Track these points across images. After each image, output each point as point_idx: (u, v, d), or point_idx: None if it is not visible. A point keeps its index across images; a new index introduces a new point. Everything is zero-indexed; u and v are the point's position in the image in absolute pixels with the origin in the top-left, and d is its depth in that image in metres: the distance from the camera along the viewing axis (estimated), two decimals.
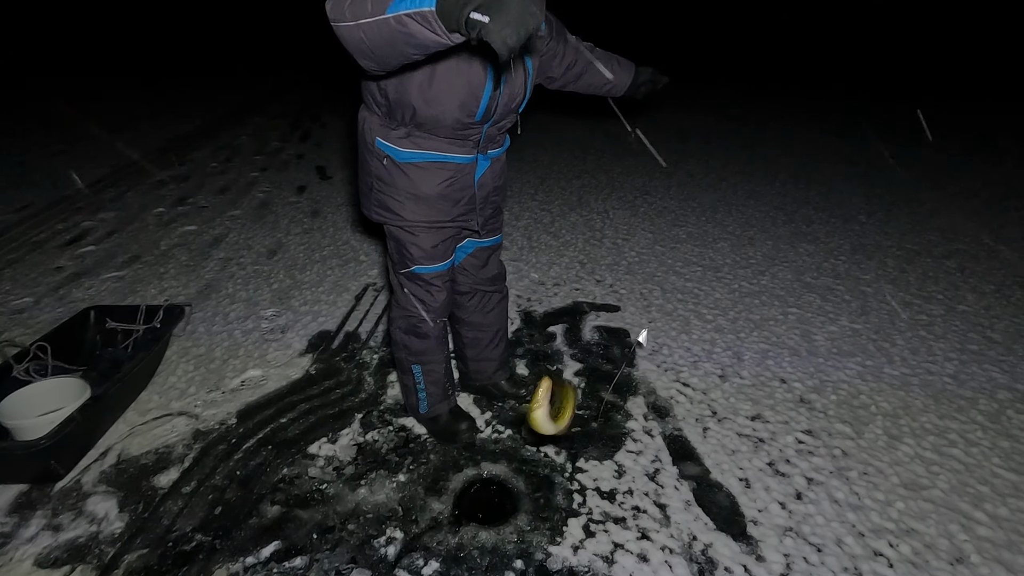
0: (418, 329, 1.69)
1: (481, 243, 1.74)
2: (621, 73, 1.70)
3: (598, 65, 1.66)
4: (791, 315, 2.70)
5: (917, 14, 10.13)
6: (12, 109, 6.30)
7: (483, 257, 1.79)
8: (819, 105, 7.67)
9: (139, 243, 3.31)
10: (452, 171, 1.46)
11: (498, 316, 1.93)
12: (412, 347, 1.73)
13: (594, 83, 1.71)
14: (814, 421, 1.98)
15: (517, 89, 1.40)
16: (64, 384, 1.83)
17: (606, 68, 1.68)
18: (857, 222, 3.97)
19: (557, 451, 1.81)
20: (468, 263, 1.79)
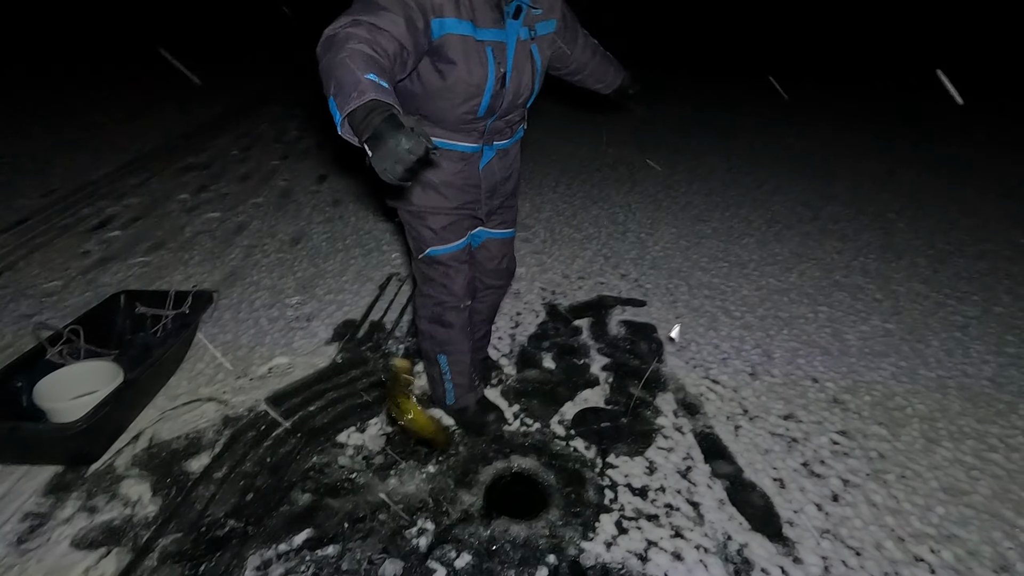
0: (442, 318, 1.68)
1: (492, 234, 1.73)
2: (615, 76, 1.82)
3: (601, 66, 1.76)
4: (821, 313, 2.65)
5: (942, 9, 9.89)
6: (36, 95, 6.36)
7: (495, 250, 1.76)
8: (843, 100, 7.53)
9: (164, 229, 3.33)
10: (456, 159, 1.47)
11: (489, 307, 1.92)
12: (437, 336, 1.72)
13: (591, 81, 1.80)
14: (848, 422, 1.94)
15: (523, 87, 1.42)
16: (97, 368, 1.84)
17: (606, 69, 1.78)
18: (886, 220, 3.89)
19: (587, 446, 1.79)
20: (480, 253, 1.76)
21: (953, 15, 9.83)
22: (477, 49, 1.29)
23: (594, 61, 1.73)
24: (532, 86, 1.45)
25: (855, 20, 10.79)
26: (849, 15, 10.87)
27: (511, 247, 1.82)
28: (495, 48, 1.31)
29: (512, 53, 1.35)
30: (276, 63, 8.87)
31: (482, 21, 1.28)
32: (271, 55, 9.38)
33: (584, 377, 2.14)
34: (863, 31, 10.62)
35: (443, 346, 1.74)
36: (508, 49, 1.34)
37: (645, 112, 6.63)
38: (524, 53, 1.38)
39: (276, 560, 1.39)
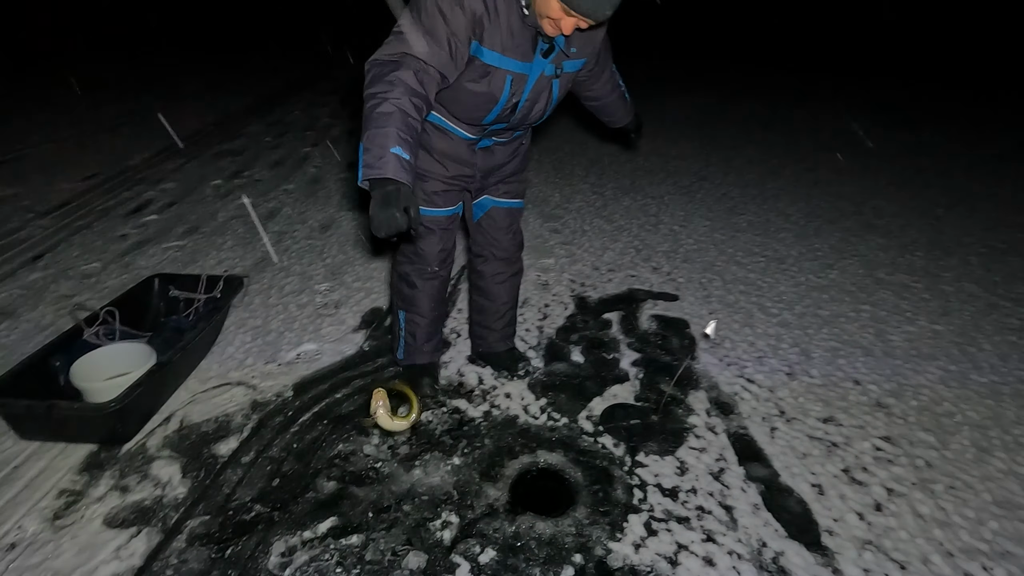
0: (409, 277, 1.77)
1: (498, 202, 1.77)
2: (623, 117, 1.88)
3: (613, 104, 1.81)
4: (864, 313, 2.53)
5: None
6: (79, 81, 6.53)
7: (500, 219, 1.79)
8: (889, 93, 7.22)
9: (198, 214, 3.38)
10: (456, 139, 1.56)
11: (508, 290, 1.94)
12: (402, 293, 1.82)
13: (600, 114, 1.85)
14: (893, 427, 1.85)
15: (535, 113, 1.50)
16: (131, 349, 1.87)
17: (617, 109, 1.83)
18: (934, 215, 3.71)
19: (615, 443, 1.75)
20: (485, 222, 1.80)
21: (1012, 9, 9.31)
22: (498, 76, 1.36)
23: (610, 98, 1.77)
24: (543, 113, 1.53)
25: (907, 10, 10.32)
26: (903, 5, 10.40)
27: (517, 219, 1.85)
28: (515, 79, 1.38)
29: (531, 86, 1.42)
30: (309, 50, 8.94)
31: (512, 51, 1.33)
32: (304, 42, 9.45)
33: (613, 372, 2.09)
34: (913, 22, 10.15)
35: (405, 303, 1.83)
36: (528, 82, 1.40)
37: (678, 103, 6.47)
38: (543, 86, 1.44)
39: (301, 547, 1.39)
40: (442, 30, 1.24)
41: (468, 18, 1.26)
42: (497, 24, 1.28)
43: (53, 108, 5.45)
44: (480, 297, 1.98)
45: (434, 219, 1.67)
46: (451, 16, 1.24)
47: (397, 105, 1.19)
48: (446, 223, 1.70)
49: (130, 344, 1.89)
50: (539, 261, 2.94)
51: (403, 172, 1.17)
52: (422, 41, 1.23)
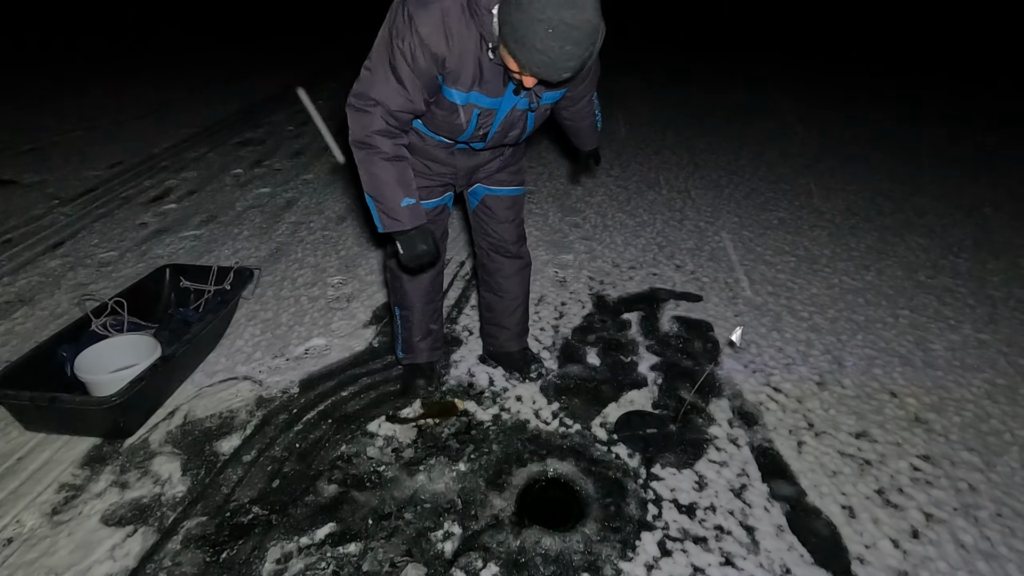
0: (396, 271, 1.72)
1: (492, 190, 1.69)
2: (592, 143, 1.81)
3: (583, 132, 1.73)
4: (902, 318, 2.38)
5: None
6: (106, 68, 6.63)
7: (494, 207, 1.72)
8: (932, 88, 6.86)
9: (216, 203, 3.37)
10: (431, 143, 1.51)
11: (517, 284, 1.87)
12: (393, 287, 1.79)
13: (568, 133, 1.76)
14: (933, 445, 1.71)
15: (509, 138, 1.47)
16: (137, 342, 1.84)
17: (585, 137, 1.76)
18: (980, 215, 3.49)
19: (630, 453, 1.65)
20: (480, 210, 1.74)
21: None
22: (465, 110, 1.33)
23: (582, 124, 1.69)
24: (519, 138, 1.49)
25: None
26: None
27: (515, 208, 1.75)
28: (483, 113, 1.35)
29: (500, 119, 1.38)
30: (334, 40, 8.94)
31: (481, 87, 1.29)
32: (330, 32, 9.45)
33: (631, 376, 1.99)
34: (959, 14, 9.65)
35: (397, 298, 1.80)
36: (497, 116, 1.37)
37: (707, 94, 6.25)
38: (517, 117, 1.40)
39: (297, 554, 1.34)
40: (406, 74, 1.23)
41: (429, 61, 1.22)
42: (463, 63, 1.24)
43: (85, 95, 5.54)
44: (488, 293, 1.91)
45: None
46: (414, 60, 1.21)
47: (385, 157, 1.29)
48: (432, 215, 1.63)
49: (136, 336, 1.87)
50: (557, 256, 2.84)
51: (417, 218, 1.35)
52: (389, 87, 1.24)
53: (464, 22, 1.19)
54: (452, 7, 1.18)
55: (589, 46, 1.07)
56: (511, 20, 1.06)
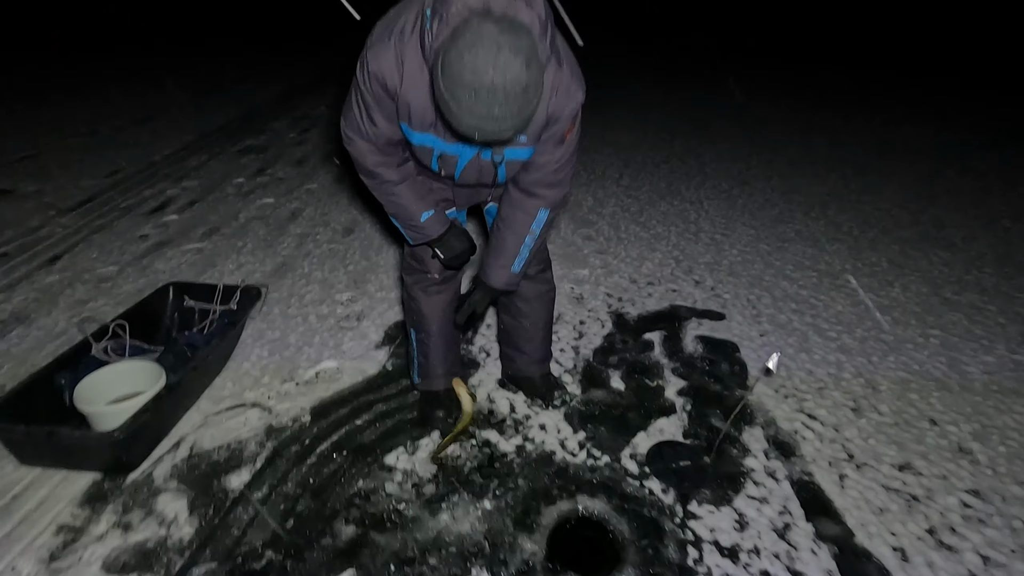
0: (412, 290, 1.68)
1: None
2: (498, 262, 1.46)
3: (498, 238, 1.45)
4: (933, 338, 2.30)
5: None
6: (103, 74, 6.53)
7: None
8: (940, 93, 6.82)
9: (219, 214, 3.27)
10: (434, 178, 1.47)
11: (538, 308, 1.77)
12: (409, 308, 1.73)
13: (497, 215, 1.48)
14: (980, 479, 1.63)
15: (484, 182, 1.38)
16: (140, 368, 1.75)
17: (496, 247, 1.46)
18: (1000, 227, 3.42)
19: (664, 488, 1.56)
20: None
21: None
22: (423, 150, 1.29)
23: (501, 225, 1.43)
24: (493, 183, 1.38)
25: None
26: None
27: None
28: (442, 157, 1.30)
29: (463, 166, 1.33)
30: (335, 43, 8.85)
31: (436, 130, 1.24)
32: (329, 36, 9.36)
33: (658, 402, 1.90)
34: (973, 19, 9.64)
35: (413, 320, 1.73)
36: (459, 162, 1.32)
37: (718, 101, 6.20)
38: (483, 165, 1.32)
39: None
40: (371, 106, 1.21)
41: (383, 93, 1.18)
42: (415, 102, 1.18)
43: (80, 100, 5.43)
44: (507, 316, 1.81)
45: None
46: (372, 94, 1.19)
47: (393, 183, 1.34)
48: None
49: (139, 362, 1.77)
50: (572, 271, 2.75)
51: (441, 224, 1.43)
52: (360, 121, 1.24)
53: (419, 63, 1.13)
54: (409, 46, 1.13)
55: (524, 105, 0.99)
56: (439, 84, 1.01)
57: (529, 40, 0.97)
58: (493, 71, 0.94)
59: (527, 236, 1.40)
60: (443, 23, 1.02)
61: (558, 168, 1.31)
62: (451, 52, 0.97)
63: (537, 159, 1.29)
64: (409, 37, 1.13)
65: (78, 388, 1.62)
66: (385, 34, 1.15)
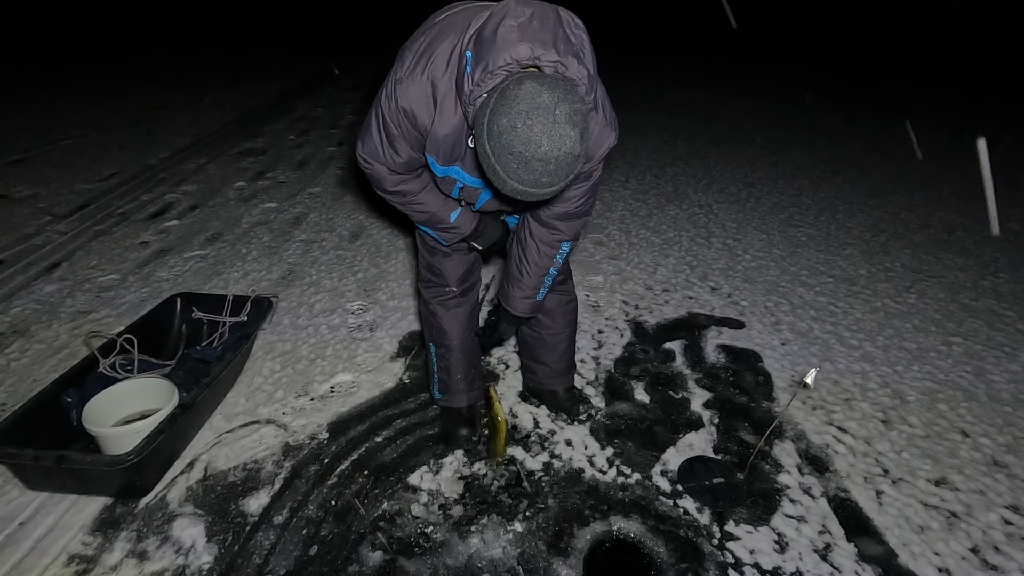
0: (430, 305, 1.64)
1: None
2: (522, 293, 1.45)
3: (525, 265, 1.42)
4: (955, 346, 2.27)
5: None
6: (98, 75, 6.41)
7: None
8: (938, 94, 6.84)
9: (220, 219, 3.19)
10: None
11: (559, 319, 1.73)
12: (428, 323, 1.68)
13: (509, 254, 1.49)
14: (1019, 493, 1.60)
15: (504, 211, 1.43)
16: (150, 385, 1.67)
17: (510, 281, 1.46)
18: (1009, 231, 3.41)
19: (699, 507, 1.52)
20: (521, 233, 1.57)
21: None
22: (446, 181, 1.28)
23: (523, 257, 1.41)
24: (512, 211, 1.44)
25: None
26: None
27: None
28: (464, 189, 1.28)
29: (484, 200, 1.33)
30: (328, 44, 8.75)
31: (465, 165, 1.22)
32: (323, 37, 9.26)
33: (685, 415, 1.86)
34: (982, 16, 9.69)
35: (433, 335, 1.68)
36: (480, 195, 1.31)
37: (720, 102, 6.18)
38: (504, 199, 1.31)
39: None
40: (394, 135, 1.19)
41: (411, 128, 1.16)
42: (444, 137, 1.15)
43: (74, 101, 5.31)
44: (528, 328, 1.76)
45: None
46: (398, 126, 1.16)
47: (415, 194, 1.31)
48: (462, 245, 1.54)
49: (149, 379, 1.69)
50: (587, 278, 2.71)
51: (472, 219, 1.41)
52: (382, 148, 1.21)
53: (453, 104, 1.10)
54: (442, 83, 1.10)
55: (571, 171, 0.96)
56: (484, 145, 0.96)
57: (581, 105, 0.92)
58: (548, 144, 0.89)
59: (551, 268, 1.41)
60: (486, 72, 0.96)
61: (582, 203, 1.31)
62: (502, 119, 0.91)
63: (562, 194, 1.25)
64: (443, 74, 1.09)
65: (87, 408, 1.55)
66: (417, 69, 1.10)
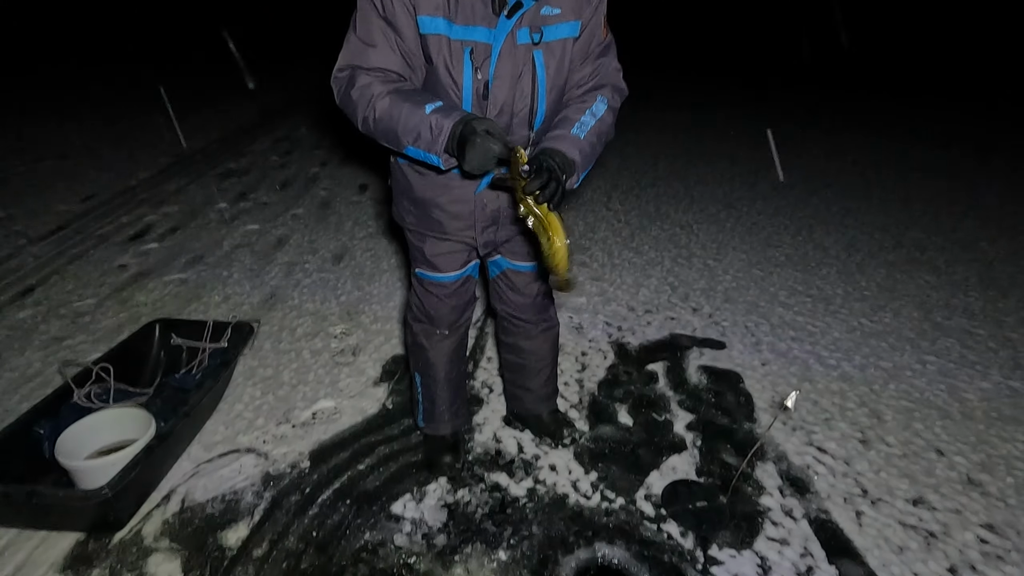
0: (418, 338, 1.61)
1: (513, 265, 1.52)
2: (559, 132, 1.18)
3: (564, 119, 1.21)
4: (929, 365, 2.32)
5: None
6: (76, 94, 6.35)
7: (516, 283, 1.56)
8: (911, 112, 7.06)
9: (201, 242, 3.17)
10: (447, 179, 1.30)
11: (542, 345, 1.72)
12: (415, 354, 1.65)
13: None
14: (993, 512, 1.63)
15: (518, 101, 1.19)
16: (126, 416, 1.64)
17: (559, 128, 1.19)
18: (978, 249, 3.52)
19: (683, 531, 1.52)
20: (501, 283, 1.58)
21: None
22: (454, 49, 1.12)
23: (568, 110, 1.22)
24: (531, 102, 1.19)
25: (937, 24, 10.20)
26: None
27: (539, 282, 1.57)
28: (475, 49, 1.12)
29: (496, 58, 1.13)
30: (311, 64, 8.78)
31: (464, 16, 1.10)
32: (306, 56, 9.29)
33: (668, 438, 1.87)
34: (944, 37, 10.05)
35: (419, 366, 1.65)
36: (492, 52, 1.13)
37: (698, 121, 6.31)
38: (518, 59, 1.14)
39: None
40: (377, 30, 1.12)
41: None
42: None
43: (51, 121, 5.26)
44: (510, 355, 1.76)
45: (438, 284, 1.49)
46: (379, 1, 1.10)
47: (381, 95, 1.11)
48: (453, 287, 1.50)
49: (125, 409, 1.66)
50: (570, 300, 2.72)
51: (455, 112, 1.08)
52: (361, 49, 1.14)
53: None
54: None
55: None
56: None
57: None
58: None
59: (585, 113, 1.20)
60: None
61: (603, 50, 1.24)
62: None
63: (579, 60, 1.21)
64: None
65: (60, 440, 1.51)
66: None
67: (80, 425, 1.57)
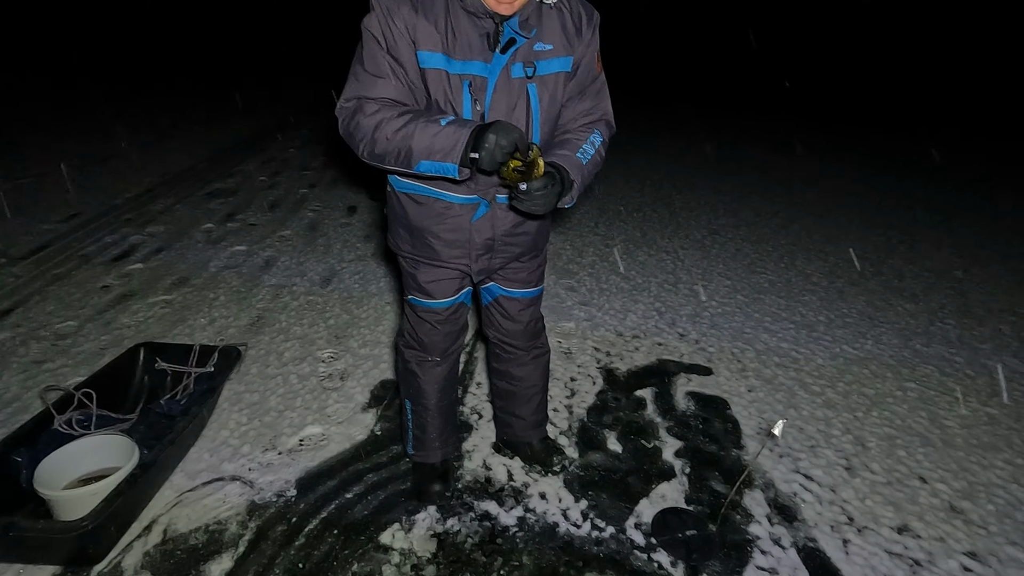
0: (409, 365, 1.60)
1: (506, 292, 1.54)
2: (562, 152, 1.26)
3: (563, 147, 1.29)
4: (910, 392, 2.37)
5: None
6: (62, 111, 6.31)
7: (509, 310, 1.58)
8: (884, 142, 7.30)
9: (187, 263, 3.14)
10: (443, 208, 1.33)
11: (533, 372, 1.73)
12: (406, 380, 1.64)
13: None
14: (976, 540, 1.66)
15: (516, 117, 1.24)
16: (109, 443, 1.61)
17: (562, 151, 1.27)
18: (953, 278, 3.62)
19: (673, 561, 1.52)
20: (493, 311, 1.60)
21: None
22: (453, 83, 1.18)
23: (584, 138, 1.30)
24: (528, 128, 1.24)
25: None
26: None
27: (531, 309, 1.60)
28: (473, 83, 1.18)
29: (492, 91, 1.19)
30: (301, 86, 8.84)
31: (462, 52, 1.16)
32: (296, 78, 9.35)
33: (657, 465, 1.88)
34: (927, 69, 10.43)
35: (409, 393, 1.65)
36: (488, 85, 1.19)
37: (681, 148, 6.45)
38: (513, 91, 1.21)
39: None
40: (383, 61, 1.16)
41: (401, 28, 1.14)
42: (433, 22, 1.14)
43: (33, 138, 5.20)
44: (500, 381, 1.77)
45: (431, 311, 1.50)
46: (383, 38, 1.15)
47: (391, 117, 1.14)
48: (446, 314, 1.51)
49: (107, 436, 1.63)
50: (559, 324, 2.74)
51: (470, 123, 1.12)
52: (367, 81, 1.18)
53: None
54: None
55: None
56: None
57: None
58: None
59: (587, 142, 1.29)
60: None
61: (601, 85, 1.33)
62: None
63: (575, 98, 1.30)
64: None
65: (39, 468, 1.47)
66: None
67: (60, 453, 1.53)
